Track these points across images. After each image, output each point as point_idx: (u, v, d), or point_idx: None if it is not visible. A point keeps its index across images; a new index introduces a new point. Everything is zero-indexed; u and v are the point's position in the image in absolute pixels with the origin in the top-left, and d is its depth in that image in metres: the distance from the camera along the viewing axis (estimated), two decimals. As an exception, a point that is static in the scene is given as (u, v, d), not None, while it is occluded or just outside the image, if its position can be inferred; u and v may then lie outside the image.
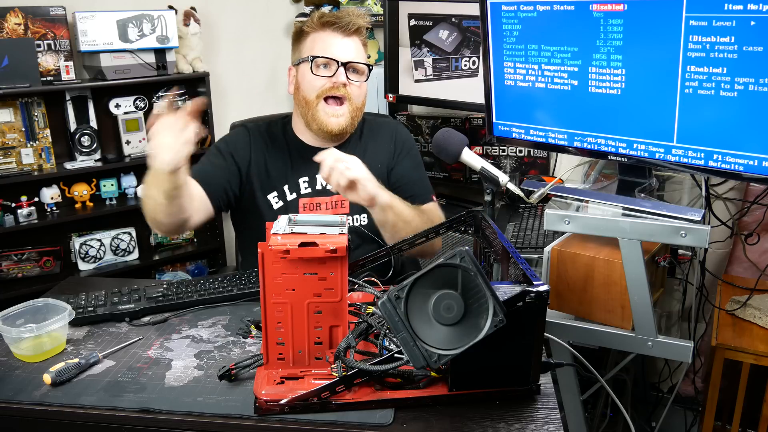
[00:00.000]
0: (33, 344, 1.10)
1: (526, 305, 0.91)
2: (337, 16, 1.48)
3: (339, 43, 1.48)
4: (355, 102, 1.50)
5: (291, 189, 1.54)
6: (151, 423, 0.95)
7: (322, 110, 1.48)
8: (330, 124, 1.48)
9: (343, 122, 1.49)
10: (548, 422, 0.92)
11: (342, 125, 1.49)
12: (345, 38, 1.48)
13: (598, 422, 2.09)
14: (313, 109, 1.48)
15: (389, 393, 0.95)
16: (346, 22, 1.47)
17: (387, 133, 1.63)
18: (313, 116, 1.48)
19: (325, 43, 1.48)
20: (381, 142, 1.61)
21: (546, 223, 1.35)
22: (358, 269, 1.26)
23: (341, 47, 1.47)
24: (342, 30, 1.48)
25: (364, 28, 1.51)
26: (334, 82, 1.46)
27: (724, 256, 2.13)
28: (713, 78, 1.15)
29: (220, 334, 1.18)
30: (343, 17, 1.48)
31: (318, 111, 1.48)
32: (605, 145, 1.36)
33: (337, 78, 1.46)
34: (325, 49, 1.47)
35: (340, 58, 1.46)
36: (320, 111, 1.48)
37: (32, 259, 2.51)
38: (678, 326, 2.26)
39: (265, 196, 1.54)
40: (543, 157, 2.40)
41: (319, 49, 1.47)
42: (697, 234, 1.21)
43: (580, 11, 1.29)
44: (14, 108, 2.38)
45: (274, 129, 1.60)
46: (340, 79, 1.46)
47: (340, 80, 1.46)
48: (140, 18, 2.48)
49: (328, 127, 1.48)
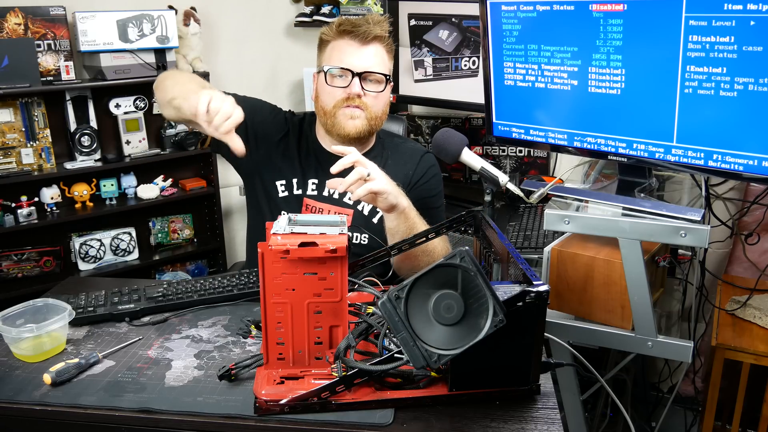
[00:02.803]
0: (33, 344, 1.10)
1: (526, 305, 0.91)
2: (354, 24, 1.45)
3: (355, 52, 1.44)
4: (373, 111, 1.47)
5: (299, 185, 1.54)
6: (151, 423, 0.95)
7: (341, 115, 1.46)
8: (347, 126, 1.46)
9: (359, 125, 1.46)
10: (548, 422, 0.92)
11: (358, 128, 1.46)
12: (362, 47, 1.45)
13: (598, 422, 2.09)
14: (331, 118, 1.47)
15: (389, 393, 0.95)
16: (362, 31, 1.44)
17: (411, 158, 1.59)
18: (333, 123, 1.47)
19: (342, 52, 1.45)
20: (402, 165, 1.57)
21: (546, 223, 1.35)
22: (358, 269, 1.26)
23: (357, 57, 1.44)
24: (359, 39, 1.44)
25: (385, 35, 1.48)
26: (349, 93, 1.44)
27: (724, 256, 2.13)
28: (713, 78, 1.15)
29: (220, 334, 1.18)
30: (360, 25, 1.44)
31: (336, 117, 1.46)
32: (605, 145, 1.36)
33: (351, 89, 1.43)
34: (341, 59, 1.44)
35: (354, 68, 1.43)
36: (338, 117, 1.46)
37: (32, 259, 2.52)
38: (678, 326, 2.26)
39: (273, 181, 1.54)
40: (543, 157, 2.40)
41: (335, 59, 1.45)
42: (697, 234, 1.21)
43: (579, 11, 1.29)
44: (14, 108, 2.38)
45: (303, 124, 1.60)
46: (354, 90, 1.43)
47: (354, 91, 1.43)
48: (140, 18, 2.48)
49: (345, 130, 1.46)
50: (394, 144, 1.62)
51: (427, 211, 1.46)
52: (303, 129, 1.59)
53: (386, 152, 1.59)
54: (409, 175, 1.56)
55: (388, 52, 1.50)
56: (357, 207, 1.53)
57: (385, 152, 1.59)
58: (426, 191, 1.56)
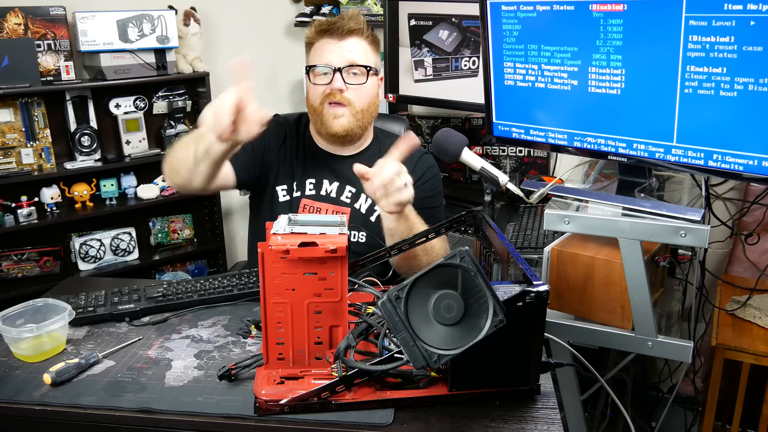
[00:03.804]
0: (33, 344, 1.10)
1: (526, 305, 0.91)
2: (330, 22, 1.49)
3: (333, 48, 1.48)
4: (357, 105, 1.49)
5: (298, 187, 1.56)
6: (151, 423, 0.95)
7: (326, 113, 1.49)
8: (333, 126, 1.49)
9: (345, 123, 1.48)
10: (548, 422, 0.92)
11: (345, 126, 1.48)
12: (340, 42, 1.48)
13: (598, 422, 2.09)
14: (319, 116, 1.50)
15: (389, 393, 0.95)
16: (337, 27, 1.48)
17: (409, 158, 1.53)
18: (321, 122, 1.50)
19: (322, 50, 1.49)
20: None
21: (546, 223, 1.35)
22: (358, 269, 1.26)
23: (335, 53, 1.48)
24: (336, 35, 1.48)
25: (362, 28, 1.50)
26: (332, 89, 1.47)
27: (724, 256, 2.13)
28: (713, 78, 1.15)
29: (220, 334, 1.18)
30: (334, 22, 1.48)
31: (323, 116, 1.50)
32: (605, 145, 1.36)
33: (334, 84, 1.47)
34: (321, 57, 1.49)
35: (333, 63, 1.47)
36: (325, 115, 1.49)
37: (32, 259, 2.52)
38: (678, 326, 2.26)
39: (275, 186, 1.56)
40: (543, 157, 2.40)
41: (316, 58, 1.50)
42: (697, 234, 1.21)
43: (579, 11, 1.29)
44: (14, 108, 2.38)
45: (299, 125, 1.63)
46: (336, 85, 1.46)
47: (336, 86, 1.46)
48: (140, 18, 2.48)
49: (332, 129, 1.49)
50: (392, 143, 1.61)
51: (427, 211, 1.46)
52: (299, 130, 1.62)
53: (383, 151, 1.59)
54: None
55: (371, 44, 1.52)
56: (354, 205, 1.54)
57: (382, 151, 1.59)
58: (425, 191, 1.56)
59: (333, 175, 1.56)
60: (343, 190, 1.56)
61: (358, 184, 1.51)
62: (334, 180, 1.56)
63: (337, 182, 1.56)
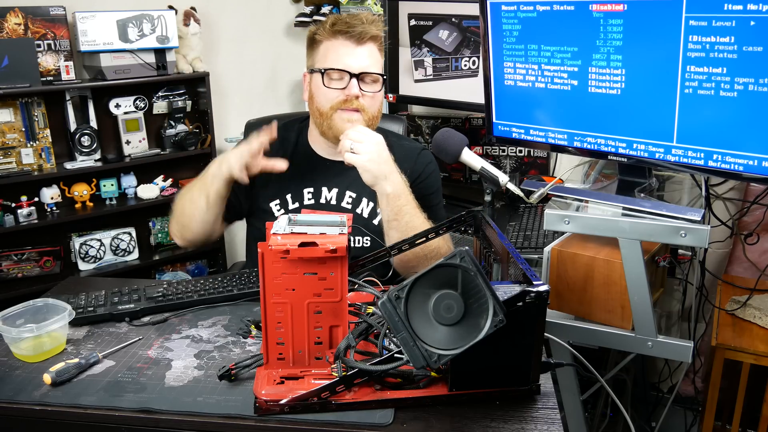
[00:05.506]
0: (33, 344, 1.10)
1: (526, 305, 0.91)
2: (349, 24, 1.42)
3: (351, 52, 1.42)
4: (370, 112, 1.45)
5: (294, 198, 1.52)
6: (151, 423, 0.95)
7: (338, 117, 1.44)
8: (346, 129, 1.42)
9: None
10: (548, 422, 0.92)
11: None
12: (357, 47, 1.43)
13: (598, 422, 2.09)
14: (328, 120, 1.45)
15: (389, 393, 0.95)
16: (358, 31, 1.42)
17: (408, 156, 1.56)
18: (329, 126, 1.45)
19: (338, 53, 1.43)
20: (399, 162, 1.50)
21: (546, 223, 1.35)
22: (358, 269, 1.26)
23: (353, 57, 1.43)
24: (354, 39, 1.42)
25: (380, 35, 1.46)
26: (347, 95, 1.42)
27: (724, 256, 2.13)
28: (713, 78, 1.15)
29: (220, 334, 1.18)
30: (355, 25, 1.42)
31: (333, 120, 1.44)
32: (605, 145, 1.36)
33: (350, 90, 1.42)
34: (337, 60, 1.42)
35: (352, 69, 1.42)
36: (336, 119, 1.44)
37: (32, 259, 2.51)
38: (678, 326, 2.26)
39: (267, 203, 1.52)
40: (543, 157, 2.40)
41: (332, 60, 1.43)
42: (696, 234, 1.21)
43: (579, 11, 1.29)
44: (14, 108, 2.38)
45: (288, 133, 1.56)
46: (352, 91, 1.42)
47: (353, 93, 1.42)
48: (140, 18, 2.48)
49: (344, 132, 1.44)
50: (391, 142, 1.60)
51: (427, 209, 1.45)
52: (288, 138, 1.55)
53: None
54: (407, 173, 1.55)
55: (381, 50, 1.49)
56: (356, 210, 1.53)
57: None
58: (425, 188, 1.55)
59: (332, 182, 1.53)
60: (343, 195, 1.53)
61: (359, 189, 1.50)
62: (333, 187, 1.53)
63: (337, 188, 1.53)
